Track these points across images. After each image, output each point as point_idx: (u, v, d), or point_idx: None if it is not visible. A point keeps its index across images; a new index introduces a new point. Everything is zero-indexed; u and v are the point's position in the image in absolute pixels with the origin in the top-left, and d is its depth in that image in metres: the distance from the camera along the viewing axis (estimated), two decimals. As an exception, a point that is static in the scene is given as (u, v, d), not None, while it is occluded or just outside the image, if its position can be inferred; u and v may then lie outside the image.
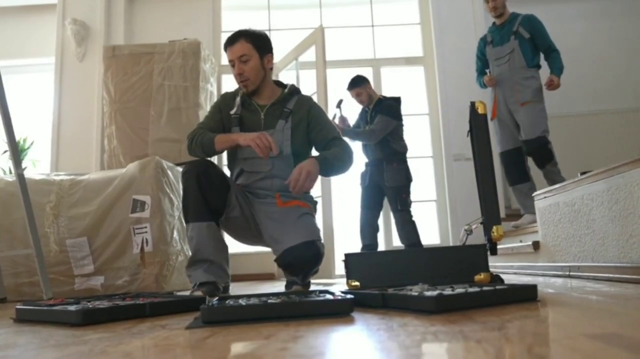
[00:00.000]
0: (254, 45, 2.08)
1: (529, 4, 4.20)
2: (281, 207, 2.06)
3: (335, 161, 2.01)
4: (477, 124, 1.69)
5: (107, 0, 4.60)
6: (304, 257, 1.90)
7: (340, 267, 3.81)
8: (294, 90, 2.21)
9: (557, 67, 3.35)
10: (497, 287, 1.29)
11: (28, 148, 4.65)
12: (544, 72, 3.41)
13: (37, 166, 4.74)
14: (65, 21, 4.53)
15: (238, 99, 2.18)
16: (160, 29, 4.63)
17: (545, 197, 2.44)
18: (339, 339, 0.87)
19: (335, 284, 2.88)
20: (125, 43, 4.49)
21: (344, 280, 1.66)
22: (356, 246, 3.61)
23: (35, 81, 5.00)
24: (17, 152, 2.36)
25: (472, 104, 1.68)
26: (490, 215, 1.62)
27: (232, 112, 2.15)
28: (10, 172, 4.16)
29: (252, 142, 1.89)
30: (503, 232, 1.66)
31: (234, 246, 3.90)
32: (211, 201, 1.94)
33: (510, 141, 3.44)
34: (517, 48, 3.38)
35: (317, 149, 2.20)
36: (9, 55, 4.76)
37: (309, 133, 2.16)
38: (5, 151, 4.33)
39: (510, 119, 3.43)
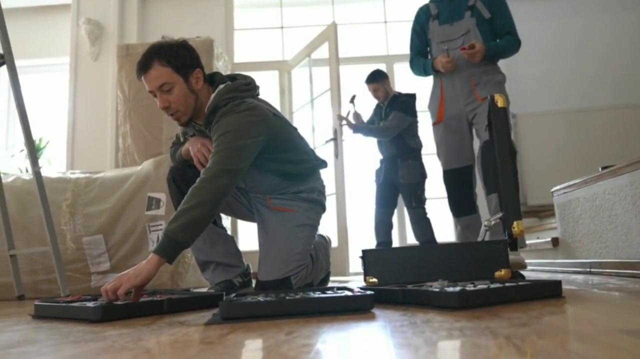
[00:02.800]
0: (173, 68, 1.65)
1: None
2: (272, 210, 1.93)
3: (189, 226, 1.47)
4: (497, 118, 1.65)
5: (120, -1, 4.63)
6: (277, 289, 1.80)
7: (354, 265, 3.81)
8: (214, 108, 1.74)
9: (500, 46, 2.44)
10: (520, 283, 1.26)
11: (44, 147, 4.69)
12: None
13: (53, 165, 4.78)
14: (79, 21, 4.56)
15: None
16: (173, 28, 4.63)
17: (565, 192, 2.40)
18: (362, 336, 0.85)
19: (350, 281, 2.86)
20: (139, 42, 4.51)
21: (358, 277, 1.64)
22: (370, 244, 3.58)
23: (50, 81, 5.05)
24: (34, 150, 2.38)
25: (492, 98, 1.65)
26: (510, 210, 1.59)
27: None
28: (27, 171, 4.20)
29: (195, 158, 1.81)
30: (523, 228, 1.62)
31: (247, 244, 3.92)
32: None
33: (461, 155, 2.54)
34: (473, 29, 2.47)
35: None
36: (24, 56, 4.79)
37: None
38: (22, 150, 4.38)
39: (463, 124, 2.51)
